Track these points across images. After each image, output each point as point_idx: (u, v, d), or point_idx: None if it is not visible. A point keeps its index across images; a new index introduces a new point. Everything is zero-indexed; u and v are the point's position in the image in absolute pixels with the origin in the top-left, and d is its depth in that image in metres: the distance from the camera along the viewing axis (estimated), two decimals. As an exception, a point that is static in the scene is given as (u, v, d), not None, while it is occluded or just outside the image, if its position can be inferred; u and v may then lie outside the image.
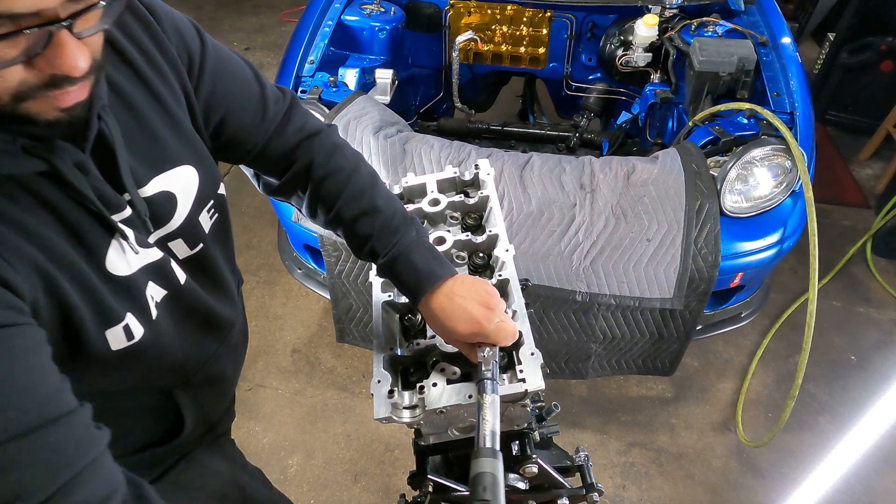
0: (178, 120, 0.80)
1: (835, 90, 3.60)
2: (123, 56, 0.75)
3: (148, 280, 0.79)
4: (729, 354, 2.53)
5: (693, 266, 1.75)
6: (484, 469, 0.74)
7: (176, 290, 0.83)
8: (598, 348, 1.92)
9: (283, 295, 2.77)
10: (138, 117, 0.76)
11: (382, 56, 2.49)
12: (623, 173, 1.86)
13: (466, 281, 0.90)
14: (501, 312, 0.88)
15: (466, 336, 0.86)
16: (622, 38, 2.57)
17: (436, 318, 0.89)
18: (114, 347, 0.75)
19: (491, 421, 0.78)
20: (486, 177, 1.18)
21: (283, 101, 0.96)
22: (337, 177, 0.96)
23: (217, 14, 5.06)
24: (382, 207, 0.94)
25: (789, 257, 2.19)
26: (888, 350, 2.56)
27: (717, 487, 2.13)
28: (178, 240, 0.84)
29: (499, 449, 0.75)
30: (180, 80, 0.82)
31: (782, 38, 2.28)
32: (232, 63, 0.90)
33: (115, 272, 0.74)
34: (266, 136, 0.94)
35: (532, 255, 1.78)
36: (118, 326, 0.74)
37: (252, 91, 0.92)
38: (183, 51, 0.82)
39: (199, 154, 0.84)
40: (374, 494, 2.11)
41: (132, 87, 0.76)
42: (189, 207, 0.83)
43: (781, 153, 1.86)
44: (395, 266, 0.92)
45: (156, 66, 0.78)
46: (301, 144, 0.97)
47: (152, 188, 0.78)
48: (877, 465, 2.17)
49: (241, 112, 0.90)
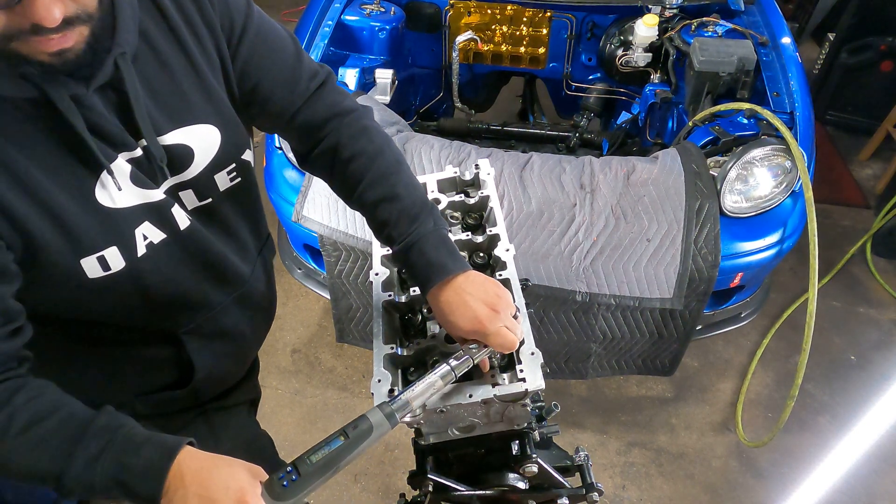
0: (207, 81, 0.86)
1: (835, 90, 3.60)
2: (163, 14, 0.82)
3: (143, 219, 0.84)
4: (729, 354, 2.53)
5: (693, 266, 1.75)
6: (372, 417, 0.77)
7: (175, 234, 0.88)
8: (598, 348, 1.92)
9: (283, 295, 2.76)
10: (168, 72, 0.83)
11: (382, 56, 2.49)
12: (623, 173, 1.86)
13: (478, 279, 0.90)
14: (507, 317, 0.87)
15: (467, 333, 0.87)
16: (622, 38, 2.57)
17: (441, 312, 0.90)
18: (90, 276, 0.81)
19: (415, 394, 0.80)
20: (487, 177, 1.18)
21: (317, 78, 1.00)
22: (360, 160, 0.97)
23: (217, 14, 5.05)
24: (403, 195, 0.95)
25: (789, 257, 2.19)
26: (888, 350, 2.56)
27: (717, 487, 2.13)
28: (189, 190, 0.89)
29: (398, 421, 0.79)
30: (217, 45, 0.88)
31: (782, 38, 2.28)
32: (274, 35, 0.95)
33: (104, 203, 0.79)
34: (294, 108, 0.98)
35: (532, 255, 1.78)
36: (92, 256, 0.80)
37: (287, 64, 0.96)
38: (226, 17, 0.88)
39: (225, 117, 0.89)
40: (373, 494, 2.11)
41: (167, 44, 0.82)
42: (206, 164, 0.89)
43: (781, 153, 1.86)
44: (408, 255, 0.93)
45: (193, 29, 0.85)
46: (330, 122, 1.00)
47: (171, 139, 0.84)
48: (877, 465, 2.17)
49: (272, 82, 0.95)
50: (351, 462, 0.76)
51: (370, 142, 0.99)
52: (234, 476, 0.73)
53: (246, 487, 0.72)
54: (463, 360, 0.84)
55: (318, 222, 1.87)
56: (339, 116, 1.00)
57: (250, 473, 0.74)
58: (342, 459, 0.74)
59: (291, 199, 1.94)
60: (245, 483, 0.72)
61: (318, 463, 0.73)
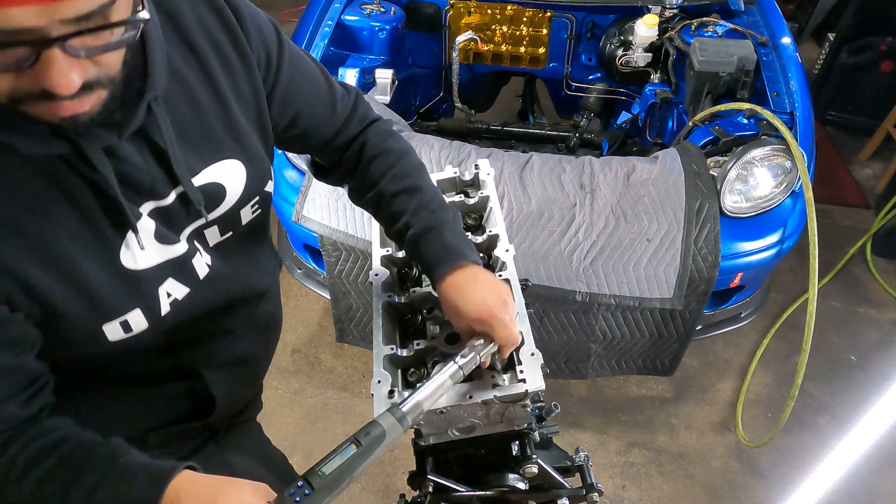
0: (234, 117, 0.83)
1: (835, 90, 3.60)
2: (192, 48, 0.77)
3: (167, 276, 0.80)
4: (729, 354, 2.53)
5: (693, 266, 1.75)
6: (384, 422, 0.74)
7: (198, 284, 0.85)
8: (598, 348, 1.92)
9: (283, 295, 2.74)
10: (196, 108, 0.78)
11: (382, 56, 2.49)
12: (623, 173, 1.86)
13: (490, 275, 0.91)
14: (514, 314, 0.88)
15: (474, 319, 0.85)
16: (622, 38, 2.57)
17: (451, 295, 0.88)
18: (111, 339, 0.77)
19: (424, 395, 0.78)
20: (486, 177, 1.18)
21: (349, 97, 1.01)
22: (388, 157, 0.99)
23: (217, 14, 5.05)
24: (425, 188, 0.97)
25: (789, 257, 2.19)
26: (888, 350, 2.56)
27: (717, 487, 2.13)
28: (214, 227, 0.86)
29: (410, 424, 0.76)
30: (251, 79, 0.84)
31: (782, 38, 2.28)
32: (304, 62, 0.94)
33: (128, 266, 0.75)
34: (335, 130, 0.99)
35: (532, 255, 1.78)
36: (115, 321, 0.76)
37: (322, 89, 0.97)
38: (262, 50, 0.85)
39: (249, 151, 0.86)
40: (373, 494, 2.11)
41: (196, 80, 0.78)
42: (235, 200, 0.86)
43: (781, 153, 1.86)
44: (423, 237, 0.92)
45: (225, 61, 0.80)
46: (361, 132, 1.02)
47: (202, 178, 0.80)
48: (877, 465, 2.17)
49: (313, 108, 0.95)
50: (365, 470, 0.73)
51: (397, 143, 1.02)
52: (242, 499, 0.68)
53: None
54: (470, 358, 0.83)
55: (318, 222, 1.87)
56: (369, 125, 1.03)
57: (257, 494, 0.70)
58: (356, 469, 0.71)
59: (291, 199, 1.94)
60: None
61: (332, 475, 0.69)
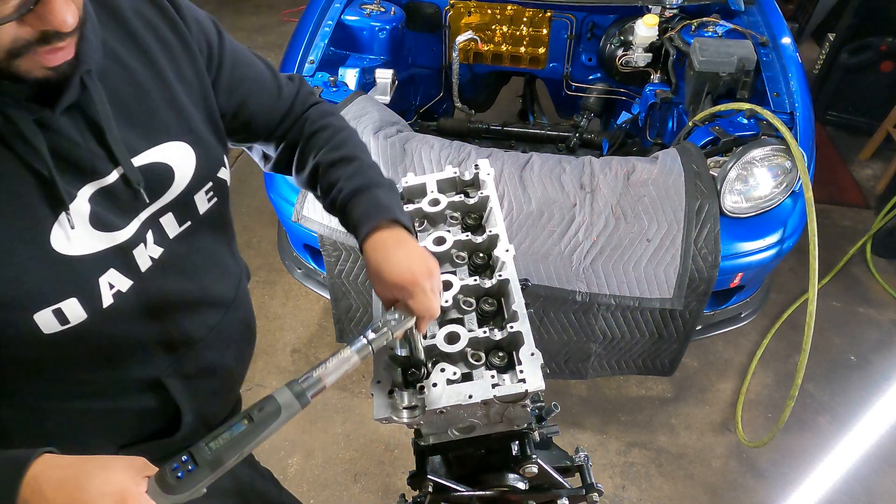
0: (178, 98, 0.83)
1: (835, 90, 3.60)
2: (131, 33, 0.79)
3: (108, 266, 0.77)
4: (729, 354, 2.53)
5: (693, 266, 1.75)
6: (280, 397, 0.72)
7: (139, 278, 0.81)
8: (598, 348, 1.92)
9: (283, 295, 2.77)
10: (137, 88, 0.79)
11: (382, 56, 2.49)
12: (623, 173, 1.86)
13: (419, 246, 0.89)
14: (438, 284, 0.85)
15: (393, 284, 0.83)
16: (622, 38, 2.57)
17: (374, 256, 0.86)
18: (46, 331, 0.73)
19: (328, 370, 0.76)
20: (486, 177, 1.18)
21: (293, 84, 1.03)
22: (326, 130, 1.00)
23: (217, 14, 5.02)
24: (363, 159, 0.97)
25: (789, 257, 2.19)
26: (888, 350, 2.56)
27: (717, 487, 2.13)
28: (169, 214, 0.84)
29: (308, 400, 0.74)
30: (195, 66, 0.86)
31: (782, 38, 2.28)
32: (246, 54, 0.98)
33: (61, 250, 0.71)
34: (281, 114, 1.01)
35: (532, 255, 1.78)
36: (47, 310, 0.72)
37: (266, 77, 0.99)
38: (203, 41, 0.88)
39: (197, 134, 0.86)
40: (373, 494, 2.11)
41: (135, 61, 0.79)
42: (186, 183, 0.85)
43: (781, 153, 1.86)
44: (354, 197, 0.90)
45: (166, 46, 0.82)
46: (304, 113, 1.03)
47: (147, 158, 0.79)
48: (876, 465, 2.17)
49: (259, 95, 0.97)
50: (257, 446, 0.71)
51: (338, 119, 1.04)
52: (110, 479, 0.64)
53: (127, 488, 0.64)
54: (381, 333, 0.81)
55: (318, 222, 1.87)
56: (312, 106, 1.04)
57: (132, 470, 0.66)
58: (246, 445, 0.69)
59: (291, 199, 1.94)
60: (125, 483, 0.64)
61: (218, 451, 0.68)
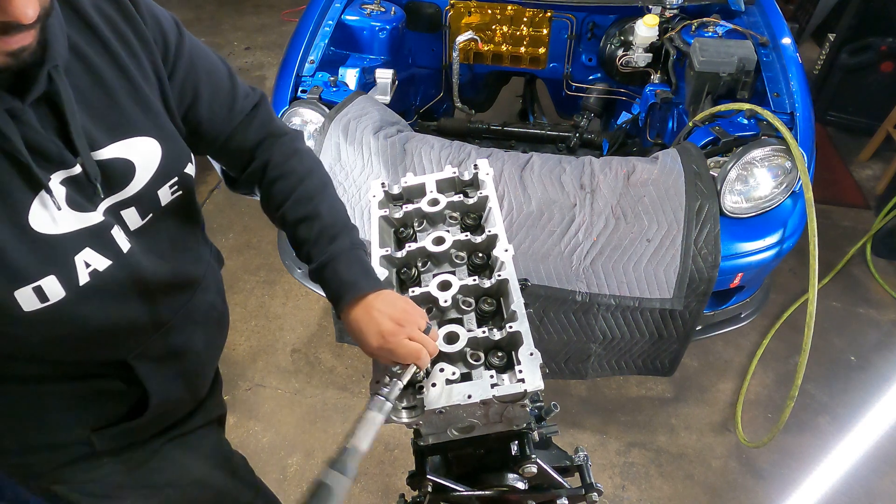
0: (143, 94, 0.84)
1: (835, 91, 3.60)
2: (92, 28, 0.79)
3: (84, 245, 0.78)
4: (729, 355, 2.53)
5: (693, 266, 1.75)
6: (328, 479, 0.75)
7: (119, 258, 0.83)
8: (598, 348, 1.92)
9: (283, 295, 2.77)
10: (101, 84, 0.80)
11: (383, 56, 2.49)
12: (623, 173, 1.86)
13: (388, 297, 0.92)
14: (413, 331, 0.88)
15: (375, 350, 0.88)
16: (622, 38, 2.57)
17: (352, 330, 0.92)
18: (26, 309, 0.74)
19: (359, 437, 0.79)
20: (486, 177, 1.18)
21: (251, 98, 1.02)
22: (289, 179, 1.00)
23: (217, 14, 5.05)
24: (325, 214, 0.97)
25: (789, 258, 2.18)
26: (888, 350, 2.56)
27: (717, 488, 2.13)
28: (132, 208, 0.85)
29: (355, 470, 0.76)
30: (152, 61, 0.86)
31: (782, 38, 2.28)
32: (207, 58, 0.96)
33: (40, 230, 0.74)
34: (231, 128, 0.99)
35: (532, 255, 1.78)
36: (27, 287, 0.73)
37: (222, 84, 0.98)
38: (159, 37, 0.87)
39: (164, 129, 0.87)
40: (373, 494, 2.11)
41: (98, 58, 0.80)
42: (148, 178, 0.85)
43: (781, 154, 1.86)
44: (322, 272, 0.94)
45: (126, 42, 0.83)
46: (263, 143, 1.02)
47: (109, 153, 0.80)
48: (876, 465, 2.17)
49: (210, 101, 0.96)
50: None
51: (300, 163, 1.02)
52: None
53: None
54: (393, 385, 0.85)
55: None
56: (272, 137, 1.03)
57: None
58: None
59: (291, 198, 1.94)
60: None
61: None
